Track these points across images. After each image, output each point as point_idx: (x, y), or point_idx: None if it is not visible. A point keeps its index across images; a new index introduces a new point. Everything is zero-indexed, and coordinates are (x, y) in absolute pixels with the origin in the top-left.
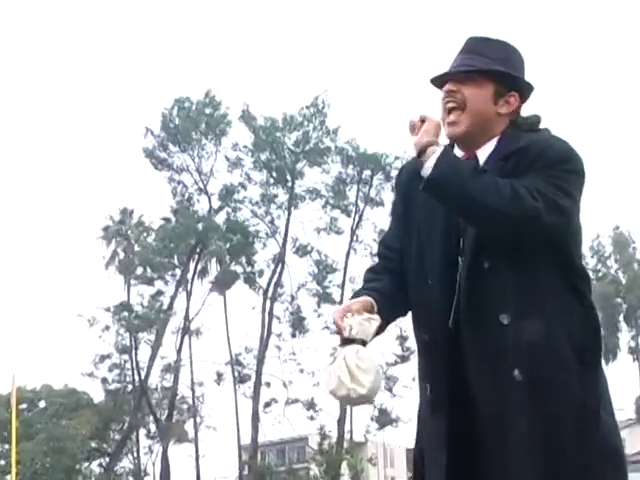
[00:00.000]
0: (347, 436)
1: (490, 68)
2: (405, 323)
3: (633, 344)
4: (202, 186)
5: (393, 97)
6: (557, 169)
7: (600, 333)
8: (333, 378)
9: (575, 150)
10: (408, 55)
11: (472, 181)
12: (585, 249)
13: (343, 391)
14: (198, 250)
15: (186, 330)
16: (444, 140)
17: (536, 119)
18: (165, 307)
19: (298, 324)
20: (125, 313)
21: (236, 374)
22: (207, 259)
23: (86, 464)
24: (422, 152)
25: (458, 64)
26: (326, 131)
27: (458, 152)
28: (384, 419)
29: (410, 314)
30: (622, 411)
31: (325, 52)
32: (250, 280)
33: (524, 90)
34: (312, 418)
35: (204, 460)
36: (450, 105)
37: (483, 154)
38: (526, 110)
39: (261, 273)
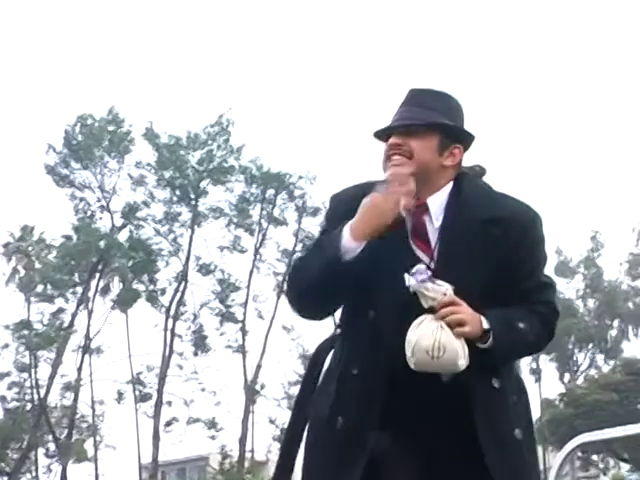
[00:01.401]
0: (248, 455)
1: (437, 121)
2: (307, 343)
3: (534, 365)
4: (105, 203)
5: (297, 116)
6: (542, 248)
7: None
8: (454, 348)
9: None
10: (311, 74)
11: (520, 344)
12: None
13: (462, 361)
14: (100, 268)
15: (87, 348)
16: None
17: (480, 171)
18: (66, 325)
19: (200, 343)
20: (25, 331)
21: (137, 393)
22: (109, 277)
23: None
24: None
25: (403, 117)
26: (230, 150)
27: None
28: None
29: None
30: None
31: (229, 71)
32: (152, 298)
33: (467, 141)
34: (213, 437)
35: (103, 479)
36: (396, 157)
37: (434, 204)
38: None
39: (163, 291)
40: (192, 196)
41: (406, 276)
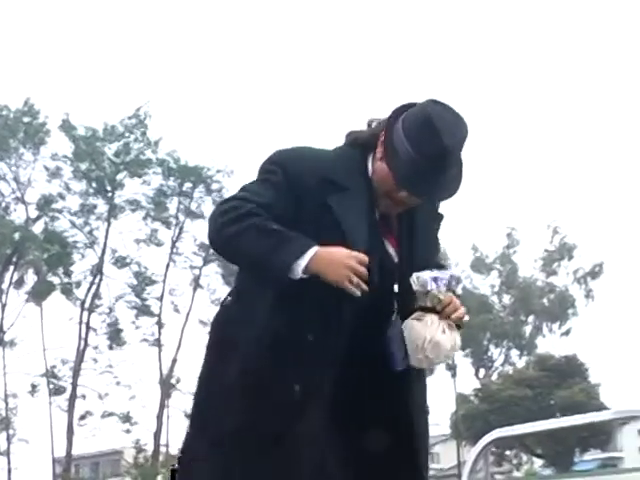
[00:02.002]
0: (163, 450)
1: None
2: None
3: (450, 361)
4: (19, 195)
5: (215, 111)
6: None
7: None
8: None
9: None
10: (228, 68)
11: None
12: None
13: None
14: (14, 260)
15: (0, 341)
16: None
17: None
18: None
19: (115, 336)
20: None
21: (51, 386)
22: (23, 269)
23: None
24: None
25: (429, 190)
26: (147, 142)
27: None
28: None
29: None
30: (437, 426)
31: (147, 64)
32: (67, 291)
33: None
34: (128, 431)
35: (16, 473)
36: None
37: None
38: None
39: (79, 284)
40: (108, 188)
41: (417, 279)
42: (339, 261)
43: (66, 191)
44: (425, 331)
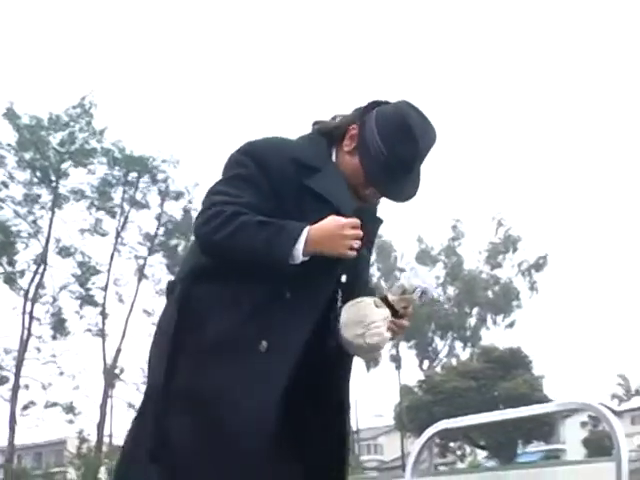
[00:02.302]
0: (107, 440)
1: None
2: None
3: (394, 352)
4: None
5: (160, 101)
6: None
7: None
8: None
9: None
10: (173, 58)
11: None
12: None
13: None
14: None
15: None
16: None
17: None
18: None
19: (59, 326)
20: None
21: None
22: None
23: None
24: None
25: (406, 194)
26: (92, 132)
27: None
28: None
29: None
30: (381, 417)
31: (92, 53)
32: (10, 280)
33: None
34: (71, 422)
35: None
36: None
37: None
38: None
39: (22, 274)
40: (53, 178)
41: (410, 276)
42: (334, 234)
43: (10, 180)
44: (378, 316)
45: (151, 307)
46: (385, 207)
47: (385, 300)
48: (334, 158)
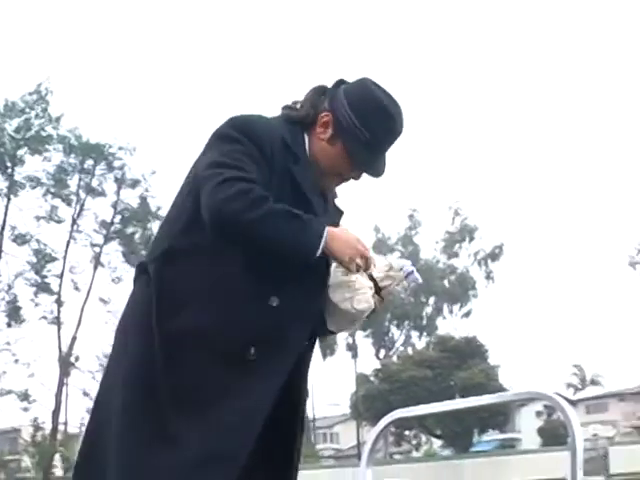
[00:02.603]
0: (62, 428)
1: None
2: None
3: (351, 341)
4: None
5: (116, 87)
6: None
7: None
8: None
9: None
10: (129, 46)
11: None
12: None
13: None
14: None
15: None
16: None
17: None
18: None
19: (14, 314)
20: None
21: None
22: None
23: None
24: None
25: (381, 171)
26: (48, 119)
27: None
28: None
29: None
30: (337, 406)
31: (47, 40)
32: None
33: None
34: (26, 409)
35: None
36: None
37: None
38: None
39: None
40: (8, 165)
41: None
42: (349, 242)
43: None
44: (365, 283)
45: (107, 295)
46: (342, 196)
47: (370, 277)
48: (307, 147)
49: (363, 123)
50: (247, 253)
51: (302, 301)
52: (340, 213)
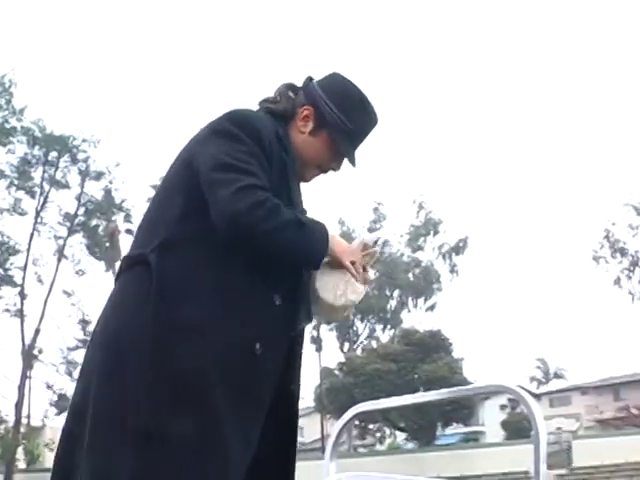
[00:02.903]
0: (24, 421)
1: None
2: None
3: (315, 334)
4: None
5: (81, 79)
6: None
7: None
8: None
9: None
10: (93, 37)
11: None
12: None
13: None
14: None
15: None
16: None
17: None
18: None
19: None
20: None
21: None
22: None
23: None
24: None
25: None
26: (12, 111)
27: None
28: (63, 404)
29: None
30: (301, 399)
31: (11, 31)
32: None
33: None
34: None
35: None
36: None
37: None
38: None
39: None
40: None
41: (379, 239)
42: (347, 247)
43: None
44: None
45: (70, 287)
46: (306, 190)
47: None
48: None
49: (345, 114)
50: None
51: (299, 301)
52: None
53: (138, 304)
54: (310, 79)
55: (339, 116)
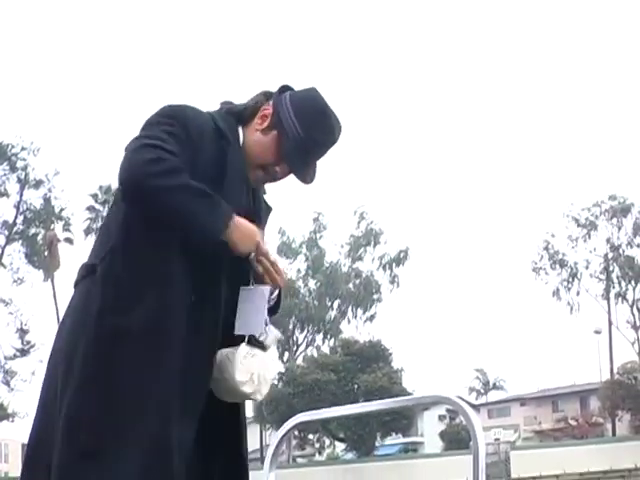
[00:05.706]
0: None
1: None
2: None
3: None
4: None
5: (19, 87)
6: None
7: None
8: (251, 376)
9: None
10: (34, 42)
11: None
12: None
13: (249, 390)
14: None
15: None
16: None
17: None
18: None
19: None
20: None
21: None
22: None
23: None
24: None
25: (312, 177)
26: None
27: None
28: (0, 413)
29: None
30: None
31: None
32: None
33: None
34: None
35: None
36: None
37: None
38: None
39: None
40: None
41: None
42: (251, 236)
43: None
44: (257, 361)
45: (8, 296)
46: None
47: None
48: (241, 138)
49: (300, 122)
50: (154, 227)
51: (212, 303)
52: (269, 210)
53: (84, 315)
54: (287, 88)
55: (294, 122)
